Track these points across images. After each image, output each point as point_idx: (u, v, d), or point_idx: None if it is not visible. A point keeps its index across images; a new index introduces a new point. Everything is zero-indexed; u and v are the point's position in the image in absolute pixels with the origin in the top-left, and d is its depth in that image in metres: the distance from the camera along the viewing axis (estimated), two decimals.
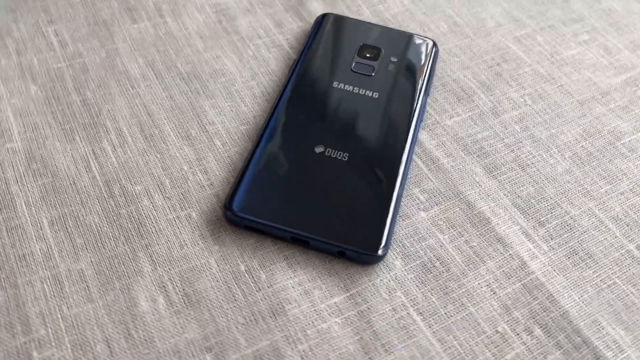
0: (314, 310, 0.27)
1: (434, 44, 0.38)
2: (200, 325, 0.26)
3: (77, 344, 0.25)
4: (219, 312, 0.26)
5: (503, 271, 0.29)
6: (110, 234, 0.28)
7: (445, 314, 0.27)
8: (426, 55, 0.37)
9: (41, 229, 0.28)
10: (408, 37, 0.38)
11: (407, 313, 0.27)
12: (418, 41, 0.38)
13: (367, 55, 0.37)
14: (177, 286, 0.27)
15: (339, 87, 0.35)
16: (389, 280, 0.28)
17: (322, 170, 0.31)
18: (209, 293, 0.27)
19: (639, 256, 0.30)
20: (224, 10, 0.40)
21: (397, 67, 0.36)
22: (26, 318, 0.25)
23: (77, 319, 0.25)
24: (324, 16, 0.39)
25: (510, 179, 0.33)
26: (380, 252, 0.28)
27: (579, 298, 0.28)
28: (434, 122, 0.35)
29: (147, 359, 0.25)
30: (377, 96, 0.35)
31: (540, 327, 0.27)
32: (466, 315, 0.27)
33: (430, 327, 0.27)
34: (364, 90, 0.35)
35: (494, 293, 0.28)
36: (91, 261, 0.27)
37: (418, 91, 0.35)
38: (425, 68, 0.37)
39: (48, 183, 0.30)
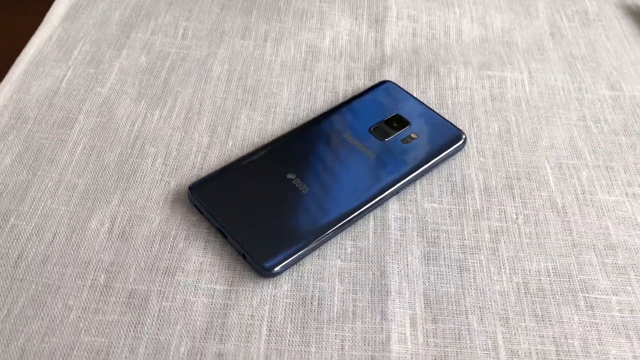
0: (195, 285, 0.33)
1: (464, 139, 0.40)
2: (115, 254, 0.34)
3: (38, 226, 0.34)
4: (133, 252, 0.34)
5: (364, 337, 0.31)
6: (112, 170, 0.38)
7: (289, 341, 0.31)
8: (447, 144, 0.40)
9: (74, 150, 0.39)
10: (442, 123, 0.41)
11: (260, 324, 0.32)
12: (450, 130, 0.41)
13: (394, 124, 0.41)
14: (122, 223, 0.35)
15: (347, 137, 0.40)
16: (267, 295, 0.33)
17: (279, 191, 0.36)
18: (137, 238, 0.35)
19: None
20: (315, 52, 0.47)
21: (411, 143, 0.40)
22: (21, 197, 0.36)
23: (50, 212, 0.35)
24: (384, 82, 0.44)
25: (439, 272, 0.34)
26: (270, 267, 0.32)
27: None
28: (412, 200, 0.38)
29: (65, 257, 0.33)
30: (372, 157, 0.39)
31: None
32: (304, 351, 0.31)
33: (268, 343, 0.31)
34: (365, 148, 0.39)
35: (341, 348, 0.31)
36: (86, 181, 0.37)
37: (412, 169, 0.38)
38: (437, 154, 0.39)
39: (102, 122, 0.40)
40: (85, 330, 0.31)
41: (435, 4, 0.52)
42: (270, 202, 0.35)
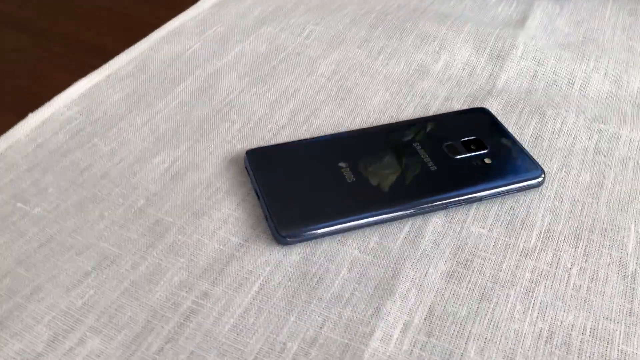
0: (214, 232, 0.34)
1: (543, 178, 0.37)
2: (161, 187, 0.37)
3: (112, 150, 0.39)
4: (176, 190, 0.36)
5: (347, 324, 0.30)
6: (193, 124, 0.41)
7: (273, 304, 0.31)
8: (520, 179, 0.37)
9: (171, 102, 0.43)
10: (523, 158, 0.39)
11: (254, 280, 0.32)
12: (530, 166, 0.38)
13: (471, 146, 0.39)
14: (180, 165, 0.38)
15: (415, 146, 0.39)
16: (273, 258, 0.33)
17: (325, 174, 0.36)
18: (186, 180, 0.37)
19: None
20: (424, 72, 0.47)
21: (482, 167, 0.38)
22: (111, 125, 0.41)
23: (127, 142, 0.40)
24: (479, 108, 0.43)
25: (457, 293, 0.32)
26: (284, 234, 0.33)
27: None
28: (460, 220, 0.36)
29: (120, 178, 0.37)
30: (432, 169, 0.37)
31: None
32: (283, 317, 0.30)
33: (253, 299, 0.31)
34: (430, 160, 0.38)
35: (320, 327, 0.30)
36: (168, 127, 0.41)
37: (468, 191, 0.36)
38: (503, 185, 0.37)
39: (204, 87, 0.45)
40: (105, 238, 0.33)
41: (568, 53, 0.49)
42: (312, 181, 0.36)
